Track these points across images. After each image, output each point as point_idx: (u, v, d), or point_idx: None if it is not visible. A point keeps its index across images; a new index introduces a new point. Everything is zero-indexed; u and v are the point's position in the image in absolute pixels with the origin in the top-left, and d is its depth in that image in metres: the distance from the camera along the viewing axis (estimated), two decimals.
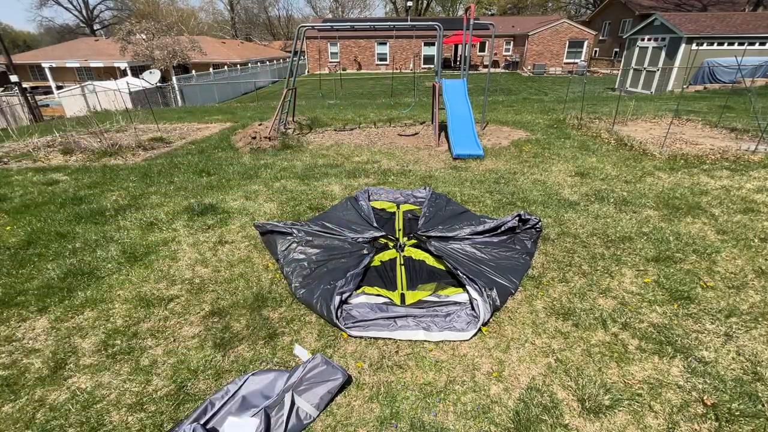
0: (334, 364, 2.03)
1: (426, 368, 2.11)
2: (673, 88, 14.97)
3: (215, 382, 2.04)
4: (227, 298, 2.71)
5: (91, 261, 3.15)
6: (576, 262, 3.03)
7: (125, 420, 1.84)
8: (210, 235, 3.56)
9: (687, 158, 5.39)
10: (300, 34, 6.99)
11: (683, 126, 7.50)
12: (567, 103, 10.30)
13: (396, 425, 1.80)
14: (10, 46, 35.67)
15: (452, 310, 2.42)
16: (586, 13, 42.96)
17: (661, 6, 27.19)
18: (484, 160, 5.64)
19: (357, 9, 59.06)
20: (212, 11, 65.53)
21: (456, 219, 3.54)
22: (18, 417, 1.86)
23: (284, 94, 7.23)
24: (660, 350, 2.18)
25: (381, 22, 13.05)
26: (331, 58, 33.06)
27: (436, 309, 2.44)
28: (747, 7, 26.87)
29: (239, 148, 6.53)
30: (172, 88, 19.24)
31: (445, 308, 2.44)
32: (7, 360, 2.21)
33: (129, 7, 50.70)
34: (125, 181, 5.06)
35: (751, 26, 15.24)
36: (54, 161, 6.09)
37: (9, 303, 2.66)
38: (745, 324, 2.36)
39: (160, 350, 2.26)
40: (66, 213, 4.06)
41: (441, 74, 7.35)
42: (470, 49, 8.18)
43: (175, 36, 24.06)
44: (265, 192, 4.57)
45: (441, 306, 2.48)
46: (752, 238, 3.30)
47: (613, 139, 6.36)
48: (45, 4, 51.30)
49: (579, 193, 4.34)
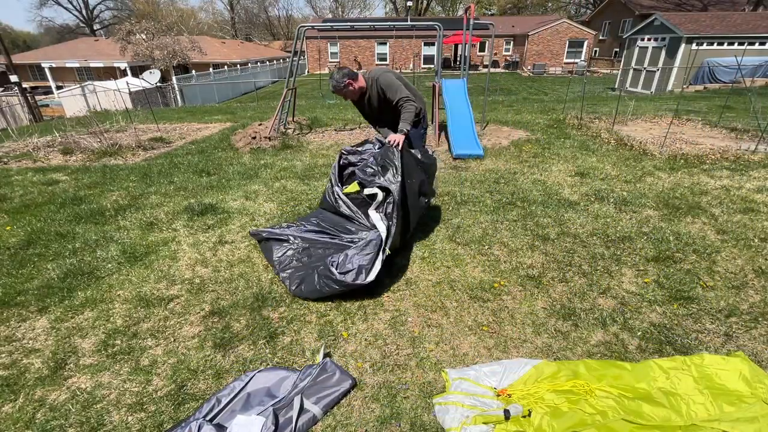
0: (345, 370, 2.04)
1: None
2: (673, 88, 14.98)
3: (215, 382, 2.04)
4: (227, 298, 2.71)
5: (91, 261, 3.15)
6: (576, 262, 3.03)
7: (125, 420, 1.84)
8: (210, 235, 3.56)
9: (687, 158, 5.39)
10: (300, 34, 7.00)
11: (683, 126, 7.50)
12: (567, 103, 10.30)
13: (399, 424, 1.80)
14: (10, 46, 35.62)
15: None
16: (586, 13, 42.95)
17: (661, 6, 27.20)
18: (484, 160, 5.64)
19: (357, 9, 59.08)
20: (212, 11, 65.53)
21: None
22: (18, 417, 1.86)
23: (284, 94, 7.23)
24: (660, 350, 2.18)
25: (381, 22, 13.04)
26: (331, 58, 33.06)
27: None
28: (747, 7, 26.87)
29: (239, 148, 6.53)
30: (172, 88, 19.25)
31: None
32: (7, 360, 2.21)
33: (129, 7, 50.70)
34: (125, 181, 5.06)
35: (751, 26, 15.25)
36: (54, 161, 6.09)
37: (9, 303, 2.66)
38: (745, 324, 2.36)
39: (160, 350, 2.26)
40: (66, 213, 4.06)
41: (441, 74, 7.36)
42: (470, 49, 8.18)
43: (175, 36, 24.05)
44: (265, 192, 4.57)
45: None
46: (752, 237, 3.30)
47: (613, 139, 6.36)
48: (45, 4, 51.34)
49: (579, 193, 4.34)
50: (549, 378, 1.91)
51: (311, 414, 1.82)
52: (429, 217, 3.77)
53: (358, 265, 2.56)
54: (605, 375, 1.92)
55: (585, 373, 1.93)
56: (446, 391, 1.93)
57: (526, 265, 3.02)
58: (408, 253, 3.21)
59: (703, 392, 1.80)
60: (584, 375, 1.92)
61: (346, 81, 3.34)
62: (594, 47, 31.48)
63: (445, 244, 3.34)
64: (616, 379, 1.90)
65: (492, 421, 1.69)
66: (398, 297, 2.70)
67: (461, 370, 2.04)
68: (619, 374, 1.92)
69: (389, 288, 2.78)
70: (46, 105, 18.74)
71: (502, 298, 2.66)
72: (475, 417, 1.71)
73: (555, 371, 1.93)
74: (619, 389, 1.83)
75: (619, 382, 1.88)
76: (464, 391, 1.87)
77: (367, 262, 2.59)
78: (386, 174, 2.91)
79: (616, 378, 1.90)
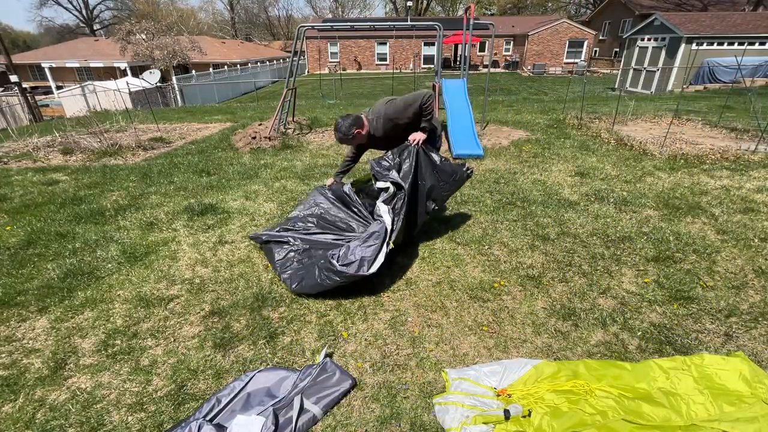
0: (345, 370, 2.04)
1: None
2: (673, 88, 14.98)
3: (215, 382, 2.04)
4: (227, 298, 2.71)
5: (91, 261, 3.15)
6: (576, 262, 3.03)
7: (125, 420, 1.84)
8: (210, 235, 3.56)
9: (687, 158, 5.39)
10: (300, 34, 6.99)
11: (683, 126, 7.50)
12: (567, 103, 10.30)
13: (399, 424, 1.80)
14: (10, 46, 35.64)
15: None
16: (586, 13, 42.96)
17: (661, 6, 27.21)
18: (484, 160, 5.64)
19: (357, 9, 59.09)
20: (212, 11, 65.53)
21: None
22: (18, 417, 1.86)
23: (284, 94, 7.23)
24: (660, 350, 2.18)
25: (381, 22, 13.04)
26: (331, 58, 33.06)
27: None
28: (747, 7, 26.87)
29: (239, 148, 6.53)
30: (172, 88, 19.25)
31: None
32: (7, 360, 2.21)
33: (129, 7, 50.71)
34: (125, 181, 5.06)
35: (751, 26, 15.25)
36: (54, 161, 6.09)
37: (9, 303, 2.66)
38: (745, 324, 2.36)
39: (160, 350, 2.26)
40: (66, 213, 4.06)
41: (441, 74, 7.36)
42: (470, 49, 8.18)
43: (175, 36, 24.04)
44: (265, 192, 4.57)
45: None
46: (752, 237, 3.31)
47: (613, 139, 6.36)
48: (45, 4, 51.34)
49: (579, 193, 4.34)
50: (549, 378, 1.91)
51: (311, 414, 1.82)
52: (429, 217, 3.77)
53: (360, 257, 2.55)
54: (605, 375, 1.92)
55: (585, 373, 1.93)
56: (446, 391, 1.93)
57: (526, 265, 3.02)
58: (408, 252, 3.21)
59: (703, 392, 1.80)
60: (584, 375, 1.92)
61: (355, 131, 3.09)
62: (594, 47, 31.49)
63: (445, 244, 3.34)
64: (616, 379, 1.90)
65: (492, 421, 1.69)
66: (398, 297, 2.70)
67: (461, 370, 2.04)
68: (619, 374, 1.92)
69: (389, 288, 2.79)
70: (46, 105, 18.74)
71: (502, 298, 2.66)
72: (475, 417, 1.71)
73: (555, 371, 1.94)
74: (619, 389, 1.83)
75: (619, 382, 1.88)
76: (464, 391, 1.87)
77: (371, 254, 2.57)
78: (401, 170, 2.91)
79: (616, 378, 1.90)
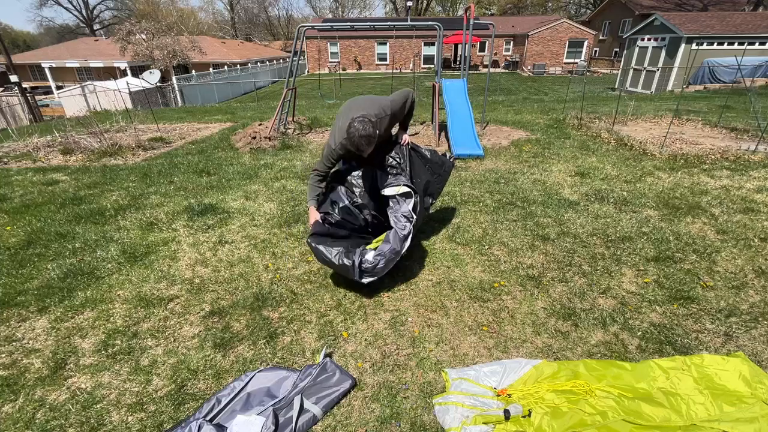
0: (345, 370, 2.04)
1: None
2: (673, 88, 14.98)
3: (215, 382, 2.04)
4: (227, 298, 2.71)
5: (91, 261, 3.15)
6: (576, 262, 3.03)
7: (125, 420, 1.84)
8: (210, 235, 3.56)
9: (687, 158, 5.39)
10: (300, 34, 6.99)
11: (683, 126, 7.50)
12: (567, 103, 10.30)
13: (399, 424, 1.80)
14: (10, 46, 35.66)
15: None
16: (586, 13, 42.96)
17: (661, 6, 27.20)
18: (484, 159, 5.64)
19: (357, 9, 59.08)
20: (212, 11, 65.56)
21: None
22: (18, 417, 1.86)
23: (284, 94, 7.23)
24: (660, 350, 2.18)
25: (381, 22, 13.02)
26: (331, 58, 33.05)
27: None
28: (747, 7, 26.86)
29: (239, 148, 6.53)
30: (172, 88, 19.24)
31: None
32: (7, 360, 2.21)
33: (129, 7, 50.72)
34: (125, 181, 5.06)
35: (751, 26, 15.25)
36: (54, 161, 6.09)
37: (9, 303, 2.66)
38: (745, 324, 2.36)
39: (160, 350, 2.26)
40: (66, 213, 4.06)
41: (441, 74, 7.35)
42: (470, 49, 8.18)
43: (175, 36, 24.02)
44: (265, 192, 4.57)
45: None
46: (752, 237, 3.31)
47: (613, 139, 6.36)
48: (45, 4, 51.38)
49: (579, 193, 4.34)
50: (549, 378, 1.91)
51: (311, 414, 1.82)
52: (429, 217, 3.77)
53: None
54: (605, 375, 1.92)
55: (585, 373, 1.93)
56: (446, 391, 1.93)
57: (526, 265, 3.02)
58: (408, 252, 3.21)
59: (703, 392, 1.80)
60: (584, 375, 1.92)
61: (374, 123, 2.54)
62: (594, 47, 31.49)
63: (445, 244, 3.34)
64: (616, 379, 1.90)
65: (492, 421, 1.69)
66: (398, 297, 2.70)
67: (461, 370, 2.04)
68: (619, 374, 1.92)
69: (389, 288, 2.79)
70: (46, 105, 18.74)
71: (502, 298, 2.66)
72: (475, 417, 1.71)
73: (555, 371, 1.93)
74: (619, 389, 1.83)
75: (619, 382, 1.88)
76: (464, 391, 1.87)
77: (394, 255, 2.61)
78: (404, 173, 2.93)
79: (616, 378, 1.90)
